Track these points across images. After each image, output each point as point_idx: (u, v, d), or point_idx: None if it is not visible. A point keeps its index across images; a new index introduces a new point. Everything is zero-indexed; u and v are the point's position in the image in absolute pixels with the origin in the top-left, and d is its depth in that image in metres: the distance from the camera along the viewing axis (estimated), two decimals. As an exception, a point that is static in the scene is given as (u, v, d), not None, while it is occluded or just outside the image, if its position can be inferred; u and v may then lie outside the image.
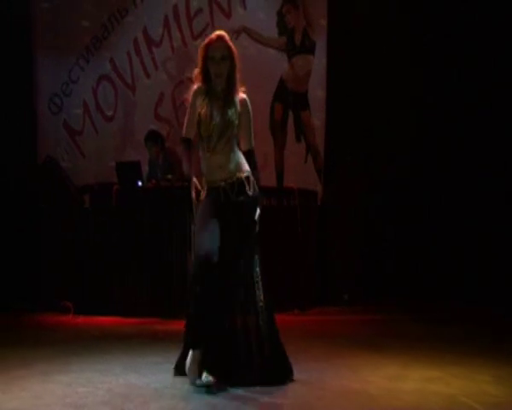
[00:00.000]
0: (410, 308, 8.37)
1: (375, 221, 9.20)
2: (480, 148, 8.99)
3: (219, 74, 4.39)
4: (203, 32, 9.63)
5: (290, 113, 9.68)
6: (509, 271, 8.60)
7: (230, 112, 4.39)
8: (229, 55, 4.40)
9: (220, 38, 4.42)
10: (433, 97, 9.15)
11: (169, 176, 8.24)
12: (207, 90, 4.45)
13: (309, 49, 9.60)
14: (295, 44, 9.61)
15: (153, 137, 8.74)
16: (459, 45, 9.06)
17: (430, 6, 9.17)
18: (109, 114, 10.17)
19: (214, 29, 9.60)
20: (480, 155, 9.00)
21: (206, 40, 4.45)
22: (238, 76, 4.45)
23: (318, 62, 9.57)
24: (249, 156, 4.51)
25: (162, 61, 9.97)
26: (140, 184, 8.27)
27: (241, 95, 4.47)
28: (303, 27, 9.58)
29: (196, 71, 4.48)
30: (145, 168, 8.73)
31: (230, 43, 4.43)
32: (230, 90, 4.42)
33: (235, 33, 9.15)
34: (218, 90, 4.44)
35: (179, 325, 6.96)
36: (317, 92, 9.62)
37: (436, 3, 9.17)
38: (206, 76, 4.44)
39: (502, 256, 8.77)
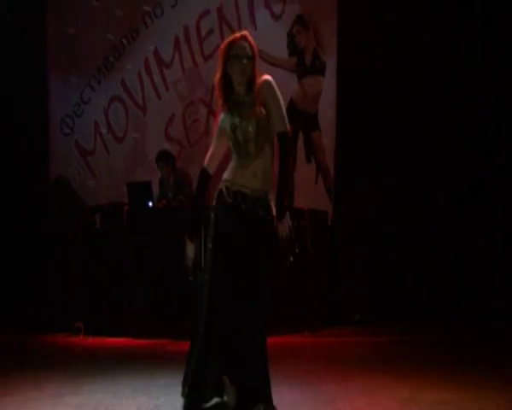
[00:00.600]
0: (418, 328, 8.33)
1: (385, 239, 9.19)
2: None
3: (244, 72, 4.15)
4: (214, 53, 9.72)
5: (300, 133, 9.70)
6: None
7: (258, 112, 4.14)
8: (252, 56, 4.18)
9: (244, 36, 4.20)
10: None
11: (180, 196, 8.27)
12: (230, 102, 4.21)
13: (319, 69, 9.62)
14: (306, 65, 9.64)
15: (164, 158, 8.75)
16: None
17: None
18: (120, 134, 10.22)
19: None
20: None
21: (229, 39, 4.21)
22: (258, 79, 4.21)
23: (328, 83, 9.59)
24: (281, 140, 4.15)
25: (173, 81, 10.02)
26: (150, 204, 8.29)
27: (263, 77, 4.19)
28: (313, 48, 9.61)
29: (217, 77, 4.24)
30: (156, 188, 8.75)
31: (254, 44, 4.21)
32: (253, 92, 4.18)
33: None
34: (241, 95, 4.20)
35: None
36: (327, 112, 9.63)
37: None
38: (226, 80, 4.21)
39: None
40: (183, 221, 4.52)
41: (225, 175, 4.23)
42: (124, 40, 10.14)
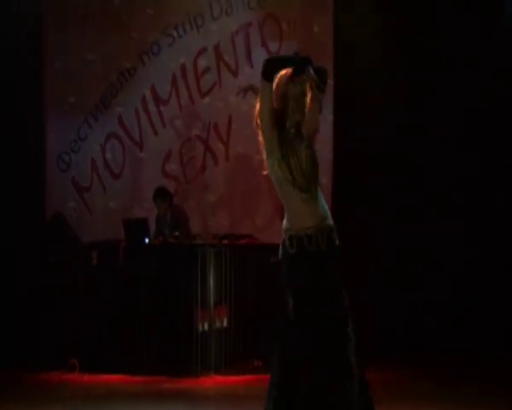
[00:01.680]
0: (420, 364, 8.25)
1: (387, 275, 9.16)
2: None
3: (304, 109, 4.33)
4: (211, 91, 9.79)
5: (297, 170, 9.66)
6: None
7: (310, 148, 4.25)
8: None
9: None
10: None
11: (176, 233, 8.27)
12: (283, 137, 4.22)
13: (316, 107, 9.62)
14: (302, 102, 9.64)
15: (162, 194, 8.80)
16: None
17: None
18: (117, 171, 10.22)
19: (222, 87, 9.88)
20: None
21: (286, 77, 4.32)
22: None
23: (325, 120, 9.61)
24: None
25: (170, 118, 10.06)
26: (147, 240, 8.29)
27: None
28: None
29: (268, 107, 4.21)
30: (152, 225, 8.75)
31: None
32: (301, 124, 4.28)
33: (243, 92, 9.23)
34: (292, 131, 4.29)
35: (187, 383, 6.97)
36: (323, 151, 9.62)
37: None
38: (279, 115, 4.24)
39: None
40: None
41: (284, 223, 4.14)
42: (121, 77, 10.19)
